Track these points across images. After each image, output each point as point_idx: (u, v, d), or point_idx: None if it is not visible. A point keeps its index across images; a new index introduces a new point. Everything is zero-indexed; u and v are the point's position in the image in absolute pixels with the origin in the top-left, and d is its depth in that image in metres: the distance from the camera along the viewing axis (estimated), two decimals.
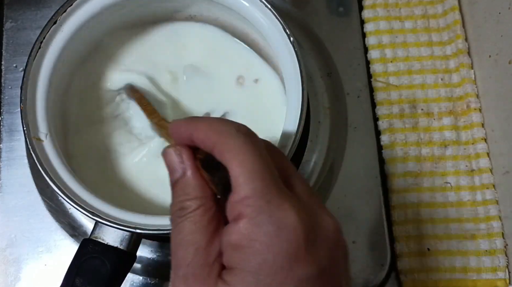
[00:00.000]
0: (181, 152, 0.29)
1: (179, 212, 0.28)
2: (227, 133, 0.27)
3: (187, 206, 0.28)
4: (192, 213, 0.28)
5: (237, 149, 0.27)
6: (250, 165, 0.26)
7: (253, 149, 0.27)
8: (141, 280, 0.46)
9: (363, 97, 0.51)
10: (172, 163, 0.29)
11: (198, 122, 0.29)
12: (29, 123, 0.39)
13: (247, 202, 0.26)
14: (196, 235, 0.27)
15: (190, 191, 0.28)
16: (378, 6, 0.53)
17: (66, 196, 0.37)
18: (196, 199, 0.28)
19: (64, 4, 0.41)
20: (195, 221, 0.28)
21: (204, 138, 0.28)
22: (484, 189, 0.47)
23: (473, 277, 0.46)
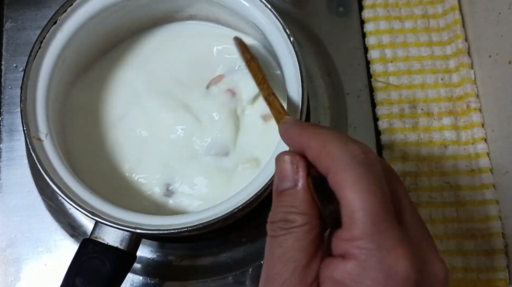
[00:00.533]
0: (298, 163, 0.28)
1: (282, 224, 0.27)
2: (343, 162, 0.26)
3: (294, 219, 0.27)
4: (297, 229, 0.27)
5: (352, 185, 0.25)
6: (365, 204, 0.25)
7: (370, 184, 0.25)
8: (141, 280, 0.46)
9: (363, 97, 0.51)
10: (285, 171, 0.28)
11: (311, 138, 0.28)
12: (29, 123, 0.39)
13: (358, 243, 0.24)
14: (298, 253, 0.26)
15: (298, 205, 0.27)
16: (378, 6, 0.53)
17: (66, 196, 0.37)
18: (304, 214, 0.27)
19: (64, 4, 0.41)
20: (298, 238, 0.27)
21: (317, 161, 0.27)
22: (484, 189, 0.47)
23: (473, 277, 0.46)
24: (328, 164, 0.26)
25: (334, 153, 0.26)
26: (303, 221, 0.27)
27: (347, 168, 0.25)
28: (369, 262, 0.24)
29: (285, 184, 0.28)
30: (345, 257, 0.25)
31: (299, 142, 0.28)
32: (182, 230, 0.36)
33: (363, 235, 0.24)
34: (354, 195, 0.25)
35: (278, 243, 0.27)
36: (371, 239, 0.24)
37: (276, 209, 0.28)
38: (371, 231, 0.24)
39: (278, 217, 0.28)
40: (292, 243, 0.27)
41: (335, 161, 0.26)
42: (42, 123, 0.40)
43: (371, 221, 0.24)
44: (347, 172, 0.25)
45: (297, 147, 0.29)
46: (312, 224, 0.27)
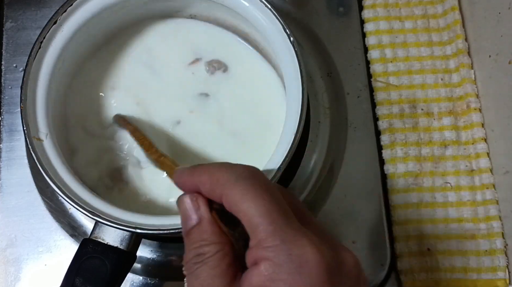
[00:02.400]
0: (197, 199, 0.29)
1: (196, 258, 0.28)
2: (229, 184, 0.27)
3: (205, 252, 0.28)
4: (210, 258, 0.27)
5: (242, 197, 0.26)
6: (258, 208, 0.26)
7: (257, 190, 0.27)
8: (141, 280, 0.46)
9: (363, 97, 0.51)
10: (187, 211, 0.29)
11: (201, 174, 0.29)
12: (29, 123, 0.39)
13: (263, 244, 0.25)
14: (215, 280, 0.27)
15: (207, 237, 0.28)
16: (378, 6, 0.53)
17: (66, 196, 0.37)
18: (215, 244, 0.28)
19: (64, 4, 0.41)
20: (213, 266, 0.27)
21: (211, 192, 0.28)
22: (484, 189, 0.47)
23: (473, 277, 0.46)
24: (220, 190, 0.27)
25: (221, 179, 0.28)
26: (215, 249, 0.28)
27: (234, 186, 0.27)
28: (279, 258, 0.25)
29: (190, 223, 0.29)
30: (257, 262, 0.26)
31: (192, 182, 0.29)
32: (182, 230, 0.36)
33: (265, 236, 0.25)
34: (245, 205, 0.26)
35: (195, 276, 0.27)
36: (274, 236, 0.25)
37: (188, 249, 0.29)
38: (272, 229, 0.26)
39: (191, 255, 0.28)
40: (208, 273, 0.27)
41: (223, 184, 0.27)
42: (42, 123, 0.40)
43: (268, 221, 0.26)
44: (235, 189, 0.27)
45: (192, 188, 0.30)
46: (225, 250, 0.28)
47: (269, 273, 0.25)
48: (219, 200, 0.28)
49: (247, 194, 0.27)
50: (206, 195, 0.29)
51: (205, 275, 0.27)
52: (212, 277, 0.27)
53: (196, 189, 0.29)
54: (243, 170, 0.28)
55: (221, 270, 0.27)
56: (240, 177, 0.27)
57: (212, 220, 0.29)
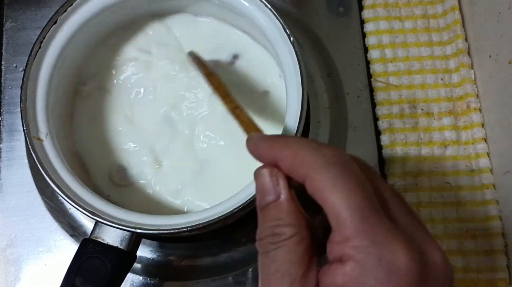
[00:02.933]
0: (277, 175, 0.28)
1: (271, 238, 0.26)
2: (317, 167, 0.25)
3: (282, 232, 0.26)
4: (287, 241, 0.26)
5: (331, 185, 0.25)
6: (348, 202, 0.24)
7: (348, 181, 0.25)
8: (141, 280, 0.46)
9: (363, 97, 0.51)
10: (265, 185, 0.28)
11: (283, 148, 0.27)
12: (29, 123, 0.39)
13: (351, 243, 0.24)
14: (292, 266, 0.25)
15: (284, 217, 0.27)
16: (378, 6, 0.53)
17: (66, 196, 0.37)
18: (291, 226, 0.26)
19: (64, 4, 0.41)
20: (290, 250, 0.26)
21: (292, 171, 0.27)
22: (484, 189, 0.47)
23: (473, 277, 0.46)
24: (303, 171, 0.26)
25: (307, 159, 0.26)
26: (291, 232, 0.26)
27: (322, 171, 0.25)
28: (368, 260, 0.24)
29: (267, 198, 0.27)
30: (342, 260, 0.24)
31: (270, 155, 0.28)
32: (182, 230, 0.36)
33: (355, 234, 0.24)
34: (334, 195, 0.24)
35: (270, 258, 0.26)
36: (364, 236, 0.24)
37: (263, 225, 0.27)
38: (362, 228, 0.24)
39: (266, 233, 0.27)
40: (284, 257, 0.26)
41: (309, 166, 0.26)
42: (42, 123, 0.40)
43: (359, 218, 0.24)
44: (323, 175, 0.25)
45: (270, 161, 0.28)
46: (302, 234, 0.26)
47: (355, 275, 0.24)
48: (300, 180, 0.26)
49: (336, 183, 0.25)
50: (285, 172, 0.27)
51: (282, 260, 0.26)
52: (289, 262, 0.26)
53: (274, 162, 0.28)
54: (334, 153, 0.26)
55: (298, 256, 0.26)
56: (330, 163, 0.25)
57: (290, 200, 0.27)
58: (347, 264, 0.24)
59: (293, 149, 0.27)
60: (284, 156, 0.27)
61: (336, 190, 0.25)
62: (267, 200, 0.27)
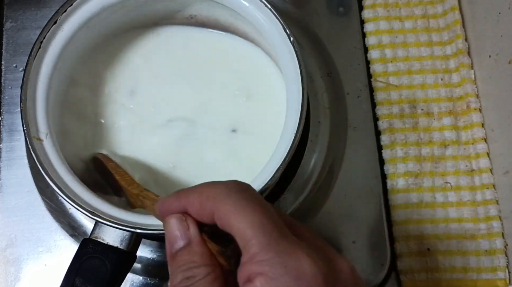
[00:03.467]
0: (186, 219, 0.28)
1: (184, 282, 0.27)
2: (221, 198, 0.26)
3: (195, 274, 0.27)
4: (201, 281, 0.26)
5: (234, 209, 0.26)
6: (252, 221, 0.25)
7: (250, 205, 0.26)
8: (141, 280, 0.46)
9: (363, 97, 0.51)
10: (174, 232, 0.28)
11: (189, 194, 0.28)
12: (29, 123, 0.39)
13: (257, 258, 0.24)
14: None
15: (197, 259, 0.27)
16: (378, 6, 0.53)
17: (66, 196, 0.37)
18: (205, 266, 0.27)
19: (64, 4, 0.41)
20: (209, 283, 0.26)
21: (201, 211, 0.27)
22: (484, 189, 0.47)
23: (473, 277, 0.46)
24: (210, 206, 0.27)
25: (212, 194, 0.27)
26: (205, 272, 0.27)
27: (226, 199, 0.26)
28: (274, 271, 0.24)
29: (178, 244, 0.28)
30: (250, 279, 0.25)
31: (178, 205, 0.28)
32: None
33: (259, 249, 0.24)
34: (238, 218, 0.25)
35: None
36: (268, 248, 0.24)
37: (175, 272, 0.28)
38: (266, 242, 0.25)
39: (179, 278, 0.27)
40: None
41: (214, 199, 0.26)
42: (42, 123, 0.40)
43: (262, 234, 0.25)
44: (227, 202, 0.26)
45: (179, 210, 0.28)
46: (216, 273, 0.27)
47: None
48: (209, 220, 0.27)
49: (239, 207, 0.26)
50: (195, 216, 0.28)
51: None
52: None
53: (184, 210, 0.28)
54: (234, 184, 0.27)
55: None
56: (232, 191, 0.27)
57: (202, 241, 0.28)
58: (256, 280, 0.24)
59: (198, 191, 0.28)
60: (192, 199, 0.28)
61: (239, 212, 0.26)
62: (178, 246, 0.28)
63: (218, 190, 0.27)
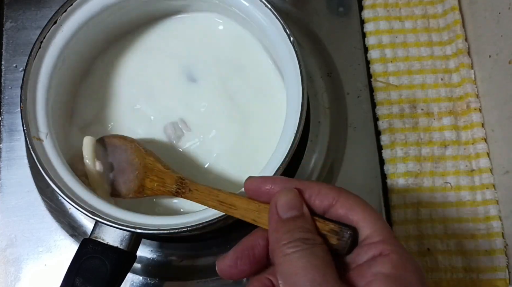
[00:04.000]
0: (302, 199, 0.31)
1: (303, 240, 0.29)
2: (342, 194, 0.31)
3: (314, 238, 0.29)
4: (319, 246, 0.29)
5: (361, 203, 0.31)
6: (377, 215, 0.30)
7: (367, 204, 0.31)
8: (141, 280, 0.46)
9: (363, 97, 0.51)
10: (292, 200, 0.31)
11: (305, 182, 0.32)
12: (29, 123, 0.39)
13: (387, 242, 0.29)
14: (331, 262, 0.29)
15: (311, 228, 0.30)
16: (378, 6, 0.53)
17: (66, 196, 0.37)
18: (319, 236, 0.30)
19: (64, 4, 0.41)
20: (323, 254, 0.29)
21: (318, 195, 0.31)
22: (484, 189, 0.47)
23: (473, 277, 0.46)
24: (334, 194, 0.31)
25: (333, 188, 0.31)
26: (321, 240, 0.29)
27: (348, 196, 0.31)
28: (405, 254, 0.29)
29: (293, 212, 0.30)
30: (383, 254, 0.28)
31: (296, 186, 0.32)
32: (182, 230, 0.36)
33: (390, 236, 0.29)
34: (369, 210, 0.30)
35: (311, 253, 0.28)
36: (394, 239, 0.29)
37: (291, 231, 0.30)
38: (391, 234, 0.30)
39: (298, 236, 0.29)
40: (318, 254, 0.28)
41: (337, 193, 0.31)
42: (42, 123, 0.40)
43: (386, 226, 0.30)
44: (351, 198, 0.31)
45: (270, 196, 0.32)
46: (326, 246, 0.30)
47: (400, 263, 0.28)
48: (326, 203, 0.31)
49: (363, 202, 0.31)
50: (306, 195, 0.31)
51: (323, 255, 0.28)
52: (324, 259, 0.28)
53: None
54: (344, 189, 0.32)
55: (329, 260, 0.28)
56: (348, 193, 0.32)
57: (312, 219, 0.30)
58: (391, 256, 0.28)
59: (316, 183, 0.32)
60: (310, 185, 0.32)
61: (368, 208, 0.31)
62: (291, 214, 0.30)
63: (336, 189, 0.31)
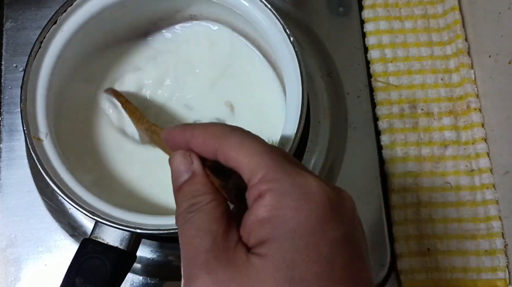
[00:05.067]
0: (191, 155, 0.29)
1: (190, 208, 0.28)
2: (226, 134, 0.28)
3: (199, 201, 0.28)
4: (206, 206, 0.27)
5: (239, 143, 0.27)
6: (256, 150, 0.27)
7: (253, 139, 0.28)
8: (141, 280, 0.46)
9: (363, 97, 0.51)
10: (179, 166, 0.29)
11: (194, 129, 0.29)
12: (29, 123, 0.39)
13: (265, 179, 0.26)
14: (212, 225, 0.27)
15: (200, 188, 0.28)
16: (378, 6, 0.53)
17: (66, 196, 0.37)
18: (208, 193, 0.28)
19: (64, 4, 0.41)
20: (209, 212, 0.27)
21: (203, 145, 0.29)
22: (484, 189, 0.47)
23: (473, 277, 0.46)
24: (215, 142, 0.28)
25: (217, 131, 0.28)
26: (209, 199, 0.28)
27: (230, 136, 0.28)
28: (283, 187, 0.25)
29: (183, 177, 0.29)
30: (261, 195, 0.26)
31: (183, 137, 0.30)
32: None
33: (267, 171, 0.26)
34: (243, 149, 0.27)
35: (191, 223, 0.27)
36: (277, 170, 0.26)
37: (180, 201, 0.29)
38: (274, 165, 0.26)
39: (184, 206, 0.28)
40: (203, 219, 0.27)
41: (220, 136, 0.28)
42: (42, 123, 0.40)
43: (269, 158, 0.26)
44: (230, 138, 0.27)
45: (183, 144, 0.30)
46: (219, 199, 0.28)
47: (274, 202, 0.25)
48: (212, 156, 0.28)
49: (244, 141, 0.27)
50: (198, 152, 0.29)
51: (202, 221, 0.27)
52: (210, 222, 0.27)
53: (187, 146, 0.29)
54: (236, 127, 0.29)
55: (218, 216, 0.27)
56: (236, 129, 0.28)
57: (204, 174, 0.29)
58: (264, 196, 0.25)
59: (203, 127, 0.29)
60: (196, 134, 0.29)
61: (243, 145, 0.27)
62: (182, 179, 0.29)
63: (222, 128, 0.28)
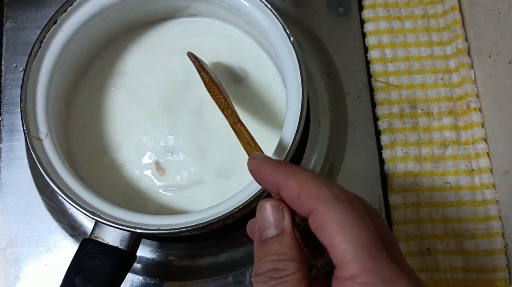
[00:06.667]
0: (283, 209, 0.27)
1: (272, 273, 0.26)
2: (325, 201, 0.25)
3: (284, 268, 0.26)
4: (290, 277, 0.25)
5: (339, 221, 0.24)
6: (356, 239, 0.24)
7: (355, 219, 0.25)
8: (141, 280, 0.46)
9: (363, 97, 0.51)
10: (269, 218, 0.27)
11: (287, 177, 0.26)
12: (29, 123, 0.39)
13: (360, 280, 0.24)
14: None
15: (287, 251, 0.26)
16: (378, 6, 0.53)
17: (66, 196, 0.37)
18: (295, 261, 0.26)
19: (64, 4, 0.41)
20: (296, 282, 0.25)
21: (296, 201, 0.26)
22: (484, 189, 0.47)
23: (473, 277, 0.46)
24: (310, 204, 0.25)
25: (315, 193, 0.25)
26: (295, 268, 0.26)
27: (330, 206, 0.25)
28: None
29: (270, 232, 0.27)
30: None
31: (275, 180, 0.27)
32: (182, 230, 0.36)
33: (363, 271, 0.24)
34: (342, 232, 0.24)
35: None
36: (373, 273, 0.24)
37: (263, 259, 0.27)
38: (371, 265, 0.24)
39: (267, 267, 0.26)
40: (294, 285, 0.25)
41: (317, 200, 0.25)
42: (42, 123, 0.40)
43: (367, 255, 0.24)
44: (331, 209, 0.25)
45: (271, 186, 0.27)
46: (304, 271, 0.26)
47: None
48: (304, 212, 0.26)
49: (346, 218, 0.24)
50: (287, 201, 0.27)
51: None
52: None
53: (276, 190, 0.27)
54: (342, 192, 0.26)
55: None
56: (338, 200, 0.25)
57: (294, 235, 0.26)
58: None
59: (300, 179, 0.26)
60: (290, 185, 0.26)
61: (344, 226, 0.24)
62: (269, 234, 0.27)
63: (322, 192, 0.25)
